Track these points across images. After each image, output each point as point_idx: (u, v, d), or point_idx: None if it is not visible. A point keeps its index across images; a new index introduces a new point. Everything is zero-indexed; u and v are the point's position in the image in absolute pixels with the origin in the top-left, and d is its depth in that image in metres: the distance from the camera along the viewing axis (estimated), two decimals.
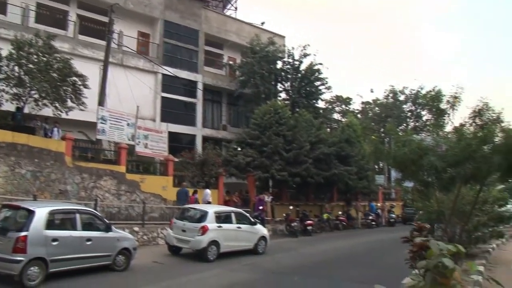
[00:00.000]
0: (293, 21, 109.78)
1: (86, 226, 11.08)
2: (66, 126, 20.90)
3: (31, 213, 9.88)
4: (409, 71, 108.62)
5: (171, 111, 29.12)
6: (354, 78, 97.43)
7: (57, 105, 18.71)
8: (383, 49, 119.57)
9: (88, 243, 10.82)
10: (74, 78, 19.13)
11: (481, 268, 11.91)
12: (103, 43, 22.96)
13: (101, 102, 21.03)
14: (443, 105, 14.18)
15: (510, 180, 17.04)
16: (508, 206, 19.62)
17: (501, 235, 17.67)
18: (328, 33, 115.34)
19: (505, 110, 12.97)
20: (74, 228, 10.70)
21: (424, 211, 16.68)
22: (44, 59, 18.13)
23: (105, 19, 23.85)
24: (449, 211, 13.94)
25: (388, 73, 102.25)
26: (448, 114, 14.03)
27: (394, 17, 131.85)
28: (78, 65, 19.84)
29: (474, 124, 13.21)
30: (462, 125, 13.52)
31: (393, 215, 33.56)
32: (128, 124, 21.73)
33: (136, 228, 17.26)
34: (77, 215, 10.92)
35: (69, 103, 19.14)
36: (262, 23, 36.00)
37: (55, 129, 19.91)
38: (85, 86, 19.43)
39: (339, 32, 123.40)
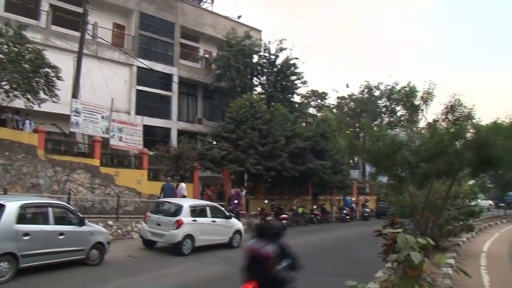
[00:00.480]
0: (273, 15, 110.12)
1: (59, 220, 10.91)
2: (39, 119, 20.53)
3: (1, 207, 9.64)
4: (396, 66, 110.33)
5: (146, 104, 28.87)
6: (337, 73, 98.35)
7: (29, 96, 18.27)
8: (369, 44, 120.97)
9: (61, 237, 10.67)
10: (47, 69, 18.68)
11: (451, 261, 12.18)
12: (77, 34, 22.55)
13: (75, 94, 20.70)
14: (417, 101, 14.38)
15: (480, 176, 17.47)
16: (478, 200, 20.12)
17: (471, 229, 18.07)
18: (309, 28, 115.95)
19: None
20: (46, 222, 10.53)
21: (397, 205, 16.94)
22: (15, 49, 17.68)
23: (79, 9, 23.36)
24: (422, 205, 14.20)
25: (374, 69, 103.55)
26: (422, 109, 14.23)
27: (380, 13, 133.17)
28: (51, 56, 19.41)
29: (446, 120, 13.44)
30: (435, 120, 13.74)
31: (367, 209, 33.95)
32: (102, 117, 21.47)
33: (110, 222, 17.12)
34: (50, 209, 10.74)
35: (42, 95, 18.70)
36: (239, 17, 35.97)
37: (27, 121, 19.54)
38: (58, 78, 19.01)
39: (320, 27, 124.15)
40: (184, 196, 20.35)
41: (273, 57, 33.15)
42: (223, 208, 17.61)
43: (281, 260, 6.18)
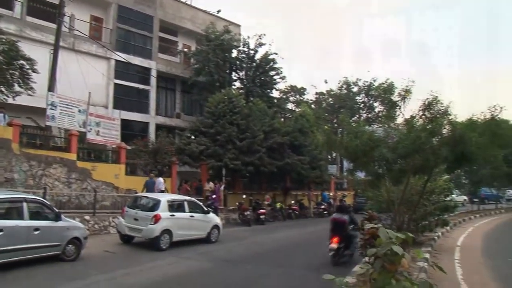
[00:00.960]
0: (254, 11, 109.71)
1: (34, 215, 10.73)
2: (13, 112, 20.09)
3: None
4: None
5: (124, 98, 28.59)
6: (336, 73, 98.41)
7: (2, 89, 17.93)
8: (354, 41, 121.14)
9: (36, 232, 10.52)
10: (22, 61, 18.29)
11: (427, 255, 12.38)
12: (53, 26, 22.13)
13: (51, 87, 20.34)
14: (394, 97, 14.53)
15: (455, 171, 17.75)
16: (453, 196, 20.48)
17: (446, 224, 18.40)
18: (308, 27, 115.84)
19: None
20: (20, 217, 10.34)
21: (374, 200, 17.14)
22: None
23: (55, 0, 22.89)
24: (398, 200, 14.39)
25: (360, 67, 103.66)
26: (399, 106, 14.39)
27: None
28: (26, 48, 19.01)
29: (423, 116, 13.62)
30: (412, 117, 13.92)
31: None
32: (79, 111, 21.15)
33: (87, 217, 16.95)
34: (24, 204, 10.54)
35: (17, 88, 18.35)
36: (218, 11, 35.69)
37: (1, 114, 19.05)
38: (34, 71, 18.65)
39: (319, 26, 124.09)
40: (162, 191, 20.27)
41: (252, 52, 33.07)
42: (201, 203, 17.60)
43: (350, 224, 12.61)
